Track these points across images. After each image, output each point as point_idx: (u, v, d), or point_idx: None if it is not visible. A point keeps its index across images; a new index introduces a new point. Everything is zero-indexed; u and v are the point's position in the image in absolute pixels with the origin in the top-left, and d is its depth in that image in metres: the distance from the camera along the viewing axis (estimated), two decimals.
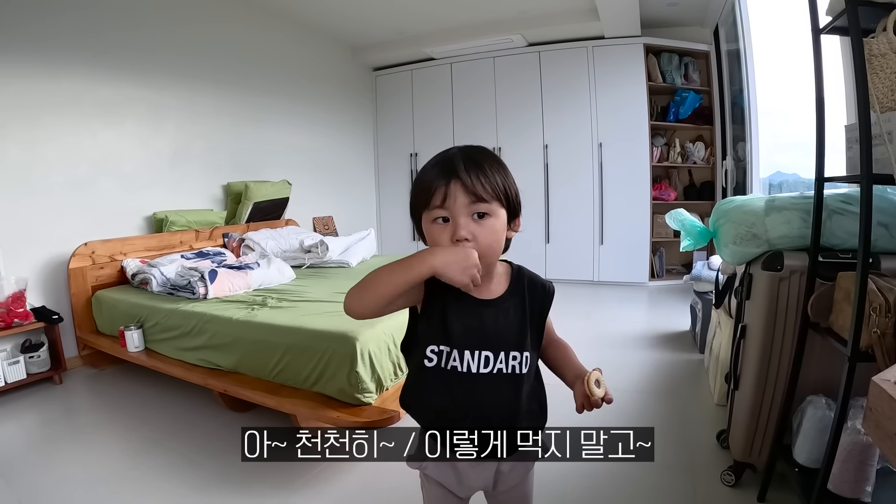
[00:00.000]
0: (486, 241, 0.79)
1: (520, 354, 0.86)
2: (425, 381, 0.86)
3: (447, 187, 0.77)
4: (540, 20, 4.75)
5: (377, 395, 1.89)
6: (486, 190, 0.78)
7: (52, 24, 2.96)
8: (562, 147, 5.15)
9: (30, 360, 2.71)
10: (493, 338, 0.84)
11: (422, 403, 0.88)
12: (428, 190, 0.79)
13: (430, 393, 0.86)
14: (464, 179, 0.77)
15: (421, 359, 0.84)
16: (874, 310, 1.13)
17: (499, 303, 0.86)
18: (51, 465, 1.96)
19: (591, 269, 5.17)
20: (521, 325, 0.87)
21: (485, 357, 0.83)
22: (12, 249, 2.81)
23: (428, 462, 0.90)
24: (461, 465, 0.88)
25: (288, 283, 3.00)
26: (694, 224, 1.97)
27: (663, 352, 3.09)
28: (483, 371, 0.83)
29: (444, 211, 0.78)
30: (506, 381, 0.85)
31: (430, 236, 0.81)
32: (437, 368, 0.84)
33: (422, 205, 0.81)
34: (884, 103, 1.17)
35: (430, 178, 0.79)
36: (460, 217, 0.78)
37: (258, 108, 4.45)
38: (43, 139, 2.95)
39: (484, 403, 0.84)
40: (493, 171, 0.80)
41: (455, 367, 0.83)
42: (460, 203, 0.77)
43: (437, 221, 0.80)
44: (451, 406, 0.84)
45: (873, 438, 0.70)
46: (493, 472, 0.90)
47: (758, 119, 3.89)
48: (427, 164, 0.83)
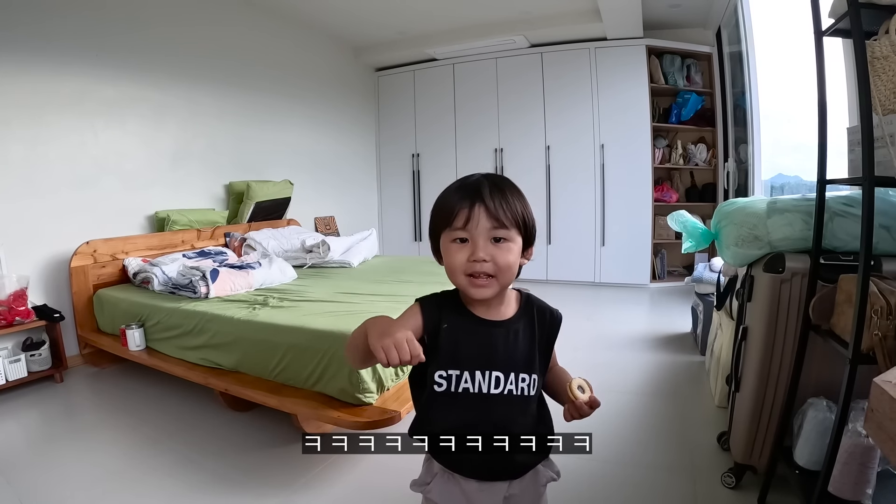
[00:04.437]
0: (504, 261, 0.81)
1: (528, 377, 0.86)
2: (436, 406, 0.85)
3: (471, 210, 0.80)
4: (542, 21, 4.75)
5: (378, 395, 1.89)
6: (507, 216, 0.81)
7: (55, 24, 2.97)
8: (564, 148, 5.15)
9: (31, 358, 2.72)
10: (504, 358, 0.85)
11: (432, 427, 0.87)
12: (451, 211, 0.81)
13: (441, 416, 0.85)
14: (488, 204, 0.80)
15: (430, 385, 0.84)
16: (875, 312, 1.13)
17: (509, 324, 0.87)
18: (51, 464, 1.96)
19: (592, 271, 5.17)
20: (531, 348, 0.88)
21: (495, 377, 0.84)
22: (14, 247, 2.81)
23: (433, 486, 0.89)
24: (469, 489, 0.87)
25: (289, 283, 3.00)
26: (696, 226, 1.97)
27: (664, 353, 3.08)
28: (494, 392, 0.84)
29: (465, 233, 0.80)
30: (516, 402, 0.85)
31: (447, 254, 0.83)
32: (447, 393, 0.84)
33: (443, 224, 0.83)
34: (886, 105, 1.17)
35: (455, 200, 0.81)
36: (480, 240, 0.80)
37: (260, 108, 4.45)
38: (46, 138, 2.96)
39: (496, 423, 0.84)
40: (515, 200, 0.83)
41: (467, 389, 0.83)
42: (482, 227, 0.80)
43: (455, 241, 0.82)
44: (462, 427, 0.84)
45: (875, 440, 0.70)
46: (502, 496, 0.89)
47: (760, 121, 3.89)
48: (451, 187, 0.85)
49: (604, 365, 2.89)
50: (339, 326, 1.97)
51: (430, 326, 0.84)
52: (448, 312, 0.84)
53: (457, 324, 0.84)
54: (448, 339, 0.84)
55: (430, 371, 0.84)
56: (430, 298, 0.89)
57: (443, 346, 0.84)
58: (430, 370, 0.84)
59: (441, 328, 0.84)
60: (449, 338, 0.84)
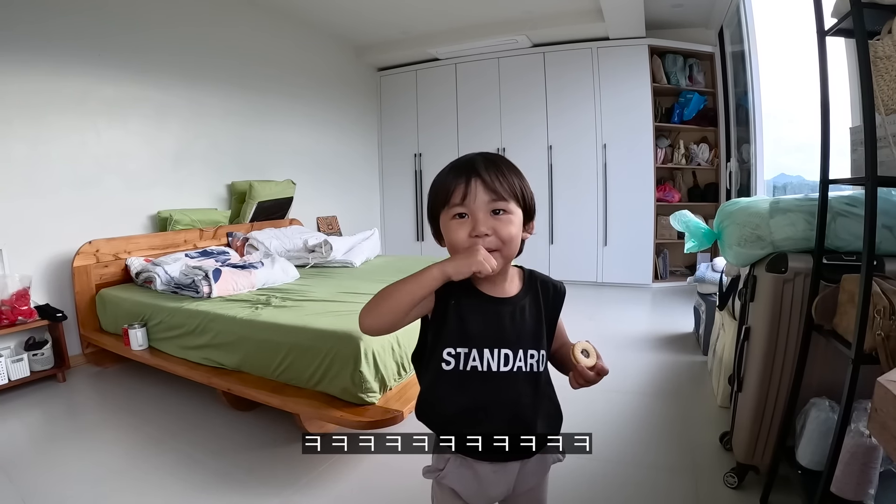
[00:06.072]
0: (506, 233, 0.81)
1: (537, 353, 0.86)
2: (444, 386, 0.85)
3: (467, 185, 0.80)
4: (545, 21, 4.75)
5: (381, 394, 1.89)
6: (505, 188, 0.81)
7: (57, 23, 2.98)
8: (566, 148, 5.15)
9: (33, 357, 2.73)
10: (512, 335, 0.85)
11: (441, 407, 0.86)
12: (448, 189, 0.81)
13: (450, 396, 0.85)
14: (483, 177, 0.80)
15: (437, 364, 0.84)
16: (878, 312, 1.13)
17: (515, 301, 0.87)
18: (54, 463, 1.97)
19: (594, 271, 5.16)
20: (537, 324, 0.88)
21: (504, 355, 0.84)
22: (17, 247, 2.82)
23: (448, 471, 0.88)
24: (483, 471, 0.87)
25: (292, 283, 3.01)
26: (698, 226, 1.97)
27: (667, 353, 3.08)
28: (504, 369, 0.84)
29: (464, 208, 0.81)
30: (525, 378, 0.86)
31: (448, 232, 0.83)
32: (455, 371, 0.84)
33: (441, 203, 0.83)
34: (889, 105, 1.17)
35: (451, 179, 0.82)
36: (479, 213, 0.80)
37: (262, 107, 4.46)
38: (48, 137, 2.97)
39: (507, 401, 0.84)
40: (510, 173, 0.84)
41: (475, 367, 0.83)
42: (480, 200, 0.80)
43: (455, 218, 0.82)
44: (472, 406, 0.84)
45: (878, 439, 0.69)
46: (515, 475, 0.89)
47: (762, 121, 3.88)
48: (445, 169, 0.85)
49: (606, 365, 2.88)
50: (341, 326, 1.97)
51: (440, 303, 0.84)
52: (455, 289, 0.84)
53: (464, 301, 0.84)
54: (456, 316, 0.84)
55: (437, 349, 0.84)
56: None
57: (450, 323, 0.84)
58: (438, 348, 0.84)
59: (449, 304, 0.84)
60: (457, 315, 0.84)
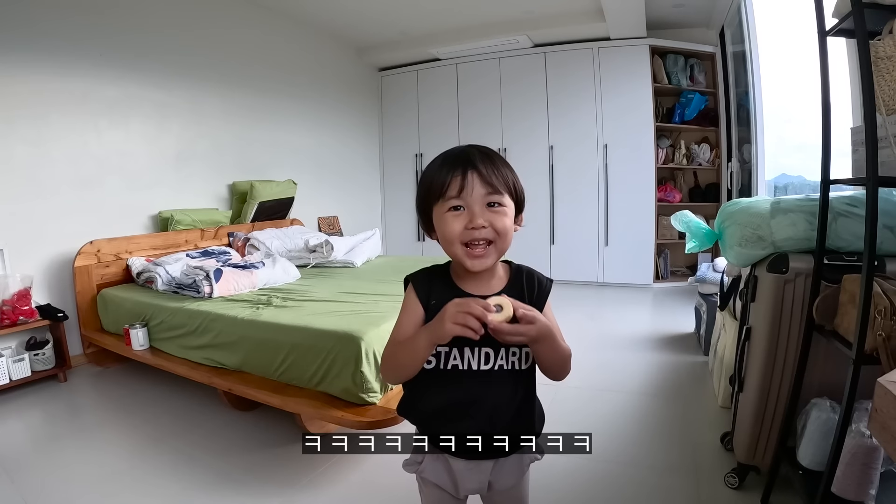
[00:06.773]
0: (501, 225, 0.81)
1: (519, 350, 0.86)
2: (424, 384, 0.86)
3: (464, 178, 0.80)
4: (546, 21, 4.75)
5: (381, 394, 1.89)
6: (500, 181, 0.81)
7: (59, 24, 2.98)
8: (567, 148, 5.14)
9: (34, 357, 2.73)
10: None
11: (420, 405, 0.88)
12: (443, 182, 0.81)
13: (429, 394, 0.86)
14: (480, 170, 0.80)
15: None
16: (879, 313, 1.12)
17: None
18: (55, 463, 1.97)
19: (595, 271, 5.16)
20: None
21: (485, 353, 0.84)
22: (18, 247, 2.83)
23: (425, 465, 0.91)
24: (457, 467, 0.89)
25: (293, 283, 3.01)
26: (699, 226, 1.97)
27: (667, 354, 3.08)
28: (484, 368, 0.84)
29: (460, 200, 0.80)
30: (507, 377, 0.86)
31: (443, 225, 0.82)
32: (436, 370, 0.84)
33: (435, 196, 0.82)
34: (889, 105, 1.17)
35: (446, 171, 0.81)
36: (476, 206, 0.80)
37: (263, 108, 4.46)
38: (49, 137, 2.97)
39: (485, 400, 0.85)
40: (504, 167, 0.84)
41: (456, 366, 0.84)
42: (477, 193, 0.80)
43: (450, 211, 0.81)
44: (450, 405, 0.85)
45: (879, 440, 0.69)
46: (489, 473, 0.90)
47: (763, 121, 3.88)
48: (436, 160, 0.85)
49: (606, 365, 2.89)
50: (342, 326, 1.97)
51: (424, 304, 0.85)
52: (437, 287, 0.85)
53: (445, 300, 0.80)
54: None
55: None
56: (420, 275, 0.89)
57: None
58: None
59: (430, 304, 0.84)
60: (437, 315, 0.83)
